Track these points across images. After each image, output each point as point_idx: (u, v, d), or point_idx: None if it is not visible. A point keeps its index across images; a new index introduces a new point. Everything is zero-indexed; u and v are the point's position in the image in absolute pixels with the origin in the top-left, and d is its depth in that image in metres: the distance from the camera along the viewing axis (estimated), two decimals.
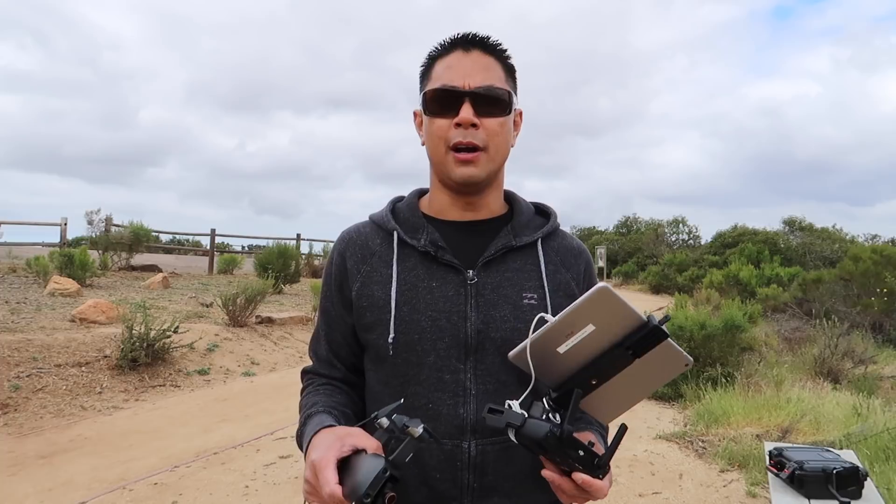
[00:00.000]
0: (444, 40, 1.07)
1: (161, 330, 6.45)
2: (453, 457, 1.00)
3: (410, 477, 1.01)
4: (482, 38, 1.06)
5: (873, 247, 16.14)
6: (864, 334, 9.85)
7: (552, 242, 1.12)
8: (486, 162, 1.04)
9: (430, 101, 1.04)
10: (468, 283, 1.04)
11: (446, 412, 1.01)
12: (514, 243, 1.07)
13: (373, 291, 1.05)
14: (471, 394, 1.01)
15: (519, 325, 1.03)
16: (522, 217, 1.12)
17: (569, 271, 1.11)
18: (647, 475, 4.31)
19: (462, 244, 1.07)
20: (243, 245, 28.32)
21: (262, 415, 5.44)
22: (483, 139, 1.02)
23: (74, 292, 9.30)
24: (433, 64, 1.07)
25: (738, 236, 30.96)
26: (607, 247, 37.38)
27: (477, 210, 1.10)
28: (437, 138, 1.04)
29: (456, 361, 1.01)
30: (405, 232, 1.08)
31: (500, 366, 1.02)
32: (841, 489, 2.32)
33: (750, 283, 17.31)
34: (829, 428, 5.01)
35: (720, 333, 6.87)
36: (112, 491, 3.76)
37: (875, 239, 34.84)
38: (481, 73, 1.03)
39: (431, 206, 1.12)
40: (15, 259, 13.02)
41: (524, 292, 1.05)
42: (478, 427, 1.01)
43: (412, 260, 1.06)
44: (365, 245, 1.10)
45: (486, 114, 1.02)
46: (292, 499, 3.72)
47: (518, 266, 1.07)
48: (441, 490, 1.00)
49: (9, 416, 4.96)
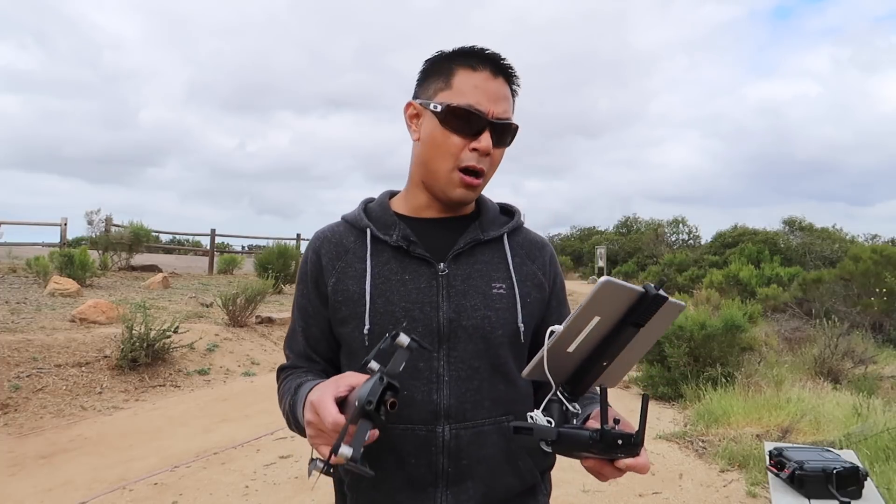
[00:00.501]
0: (472, 49, 1.07)
1: (161, 330, 6.45)
2: (428, 442, 1.03)
3: (387, 463, 1.03)
4: (507, 64, 1.08)
5: (873, 247, 16.15)
6: (864, 334, 9.86)
7: (517, 237, 1.18)
8: (482, 186, 1.10)
9: (453, 116, 1.04)
10: (439, 274, 1.08)
11: (421, 398, 1.04)
12: (482, 237, 1.12)
13: (347, 286, 1.09)
14: (444, 380, 1.05)
15: (489, 312, 1.07)
16: (489, 214, 1.17)
17: (534, 262, 1.17)
18: (647, 475, 4.31)
19: (433, 239, 1.11)
20: (243, 245, 28.33)
21: (262, 415, 5.44)
22: (488, 166, 1.08)
23: (74, 292, 9.30)
24: (454, 71, 1.06)
25: (738, 236, 30.96)
26: (607, 247, 37.39)
27: (449, 210, 1.15)
28: (448, 154, 1.06)
29: (430, 350, 1.05)
30: (378, 229, 1.12)
31: (472, 352, 1.06)
32: (841, 489, 2.32)
33: (750, 283, 17.32)
34: (829, 428, 5.02)
35: (720, 333, 6.87)
36: (112, 491, 3.76)
37: (875, 239, 34.84)
38: (503, 102, 1.06)
39: (406, 205, 1.16)
40: (15, 259, 13.02)
41: (493, 282, 1.10)
42: (451, 412, 1.04)
43: (385, 255, 1.10)
44: (339, 243, 1.14)
45: (499, 144, 1.07)
46: (292, 499, 3.72)
47: (487, 258, 1.12)
48: (417, 475, 1.03)
49: (9, 416, 4.96)
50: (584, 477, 4.21)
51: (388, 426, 1.00)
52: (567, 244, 45.22)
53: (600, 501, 3.83)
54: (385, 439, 1.04)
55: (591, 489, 3.99)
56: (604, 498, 3.88)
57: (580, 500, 3.84)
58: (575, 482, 4.10)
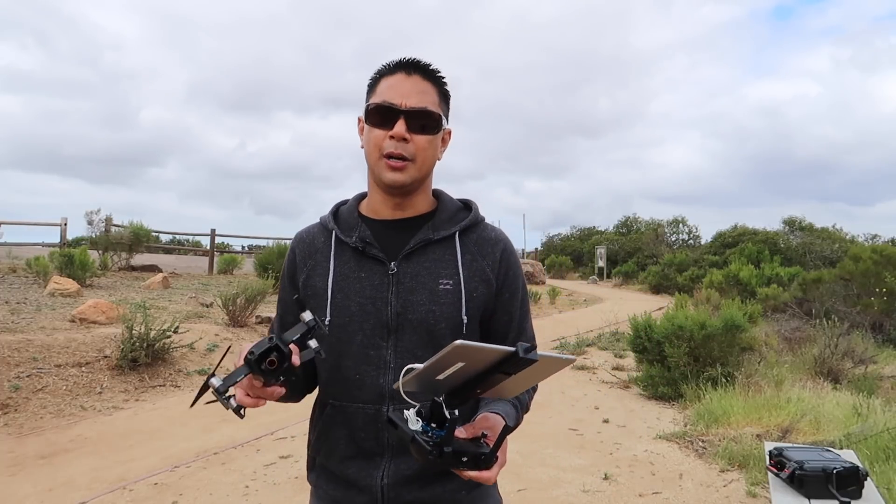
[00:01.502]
0: (392, 62, 1.24)
1: (161, 330, 6.45)
2: (376, 419, 1.19)
3: (341, 436, 1.21)
4: (424, 64, 1.23)
5: (873, 247, 16.15)
6: (864, 334, 9.85)
7: (472, 235, 1.28)
8: (413, 171, 1.20)
9: (372, 113, 1.21)
10: (390, 273, 1.21)
11: (370, 382, 1.19)
12: (433, 237, 1.24)
13: (315, 282, 1.25)
14: (390, 367, 1.19)
15: (433, 307, 1.20)
16: (444, 214, 1.28)
17: (485, 259, 1.26)
18: (647, 475, 4.31)
19: (389, 240, 1.24)
20: (243, 245, 28.32)
21: (263, 415, 5.45)
22: (412, 152, 1.19)
23: (74, 292, 9.31)
24: (379, 80, 1.23)
25: (738, 236, 30.97)
26: (607, 247, 37.38)
27: (405, 209, 1.27)
28: (373, 146, 1.21)
29: (379, 339, 1.19)
30: (342, 231, 1.27)
31: (416, 343, 1.19)
32: (841, 489, 2.32)
33: (750, 283, 17.32)
34: (829, 428, 5.01)
35: (720, 333, 6.87)
36: (112, 491, 3.76)
37: (875, 239, 34.87)
38: (418, 95, 1.20)
39: (368, 207, 1.30)
40: (15, 259, 13.02)
41: (440, 279, 1.22)
42: (396, 394, 1.13)
43: (346, 255, 1.25)
44: (311, 243, 1.30)
45: (418, 130, 1.19)
46: (292, 499, 3.72)
47: (436, 257, 1.23)
48: (366, 447, 1.20)
49: (9, 416, 4.97)
50: (584, 477, 4.21)
51: (344, 404, 1.21)
52: (567, 244, 45.21)
53: (600, 501, 3.83)
54: (340, 416, 1.22)
55: (590, 489, 3.99)
56: (603, 498, 3.88)
57: (580, 500, 3.84)
58: (575, 482, 4.10)
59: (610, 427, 5.60)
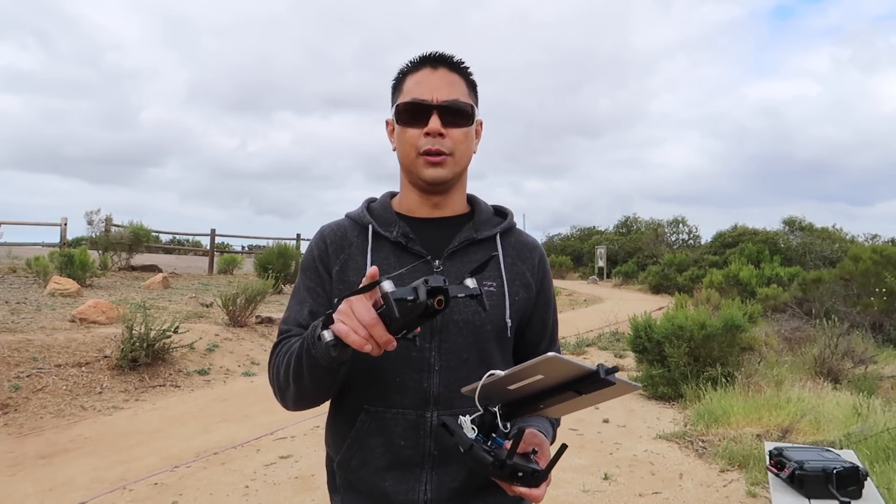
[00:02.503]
0: (414, 58, 1.20)
1: (161, 330, 6.45)
2: (417, 426, 1.11)
3: (377, 445, 1.12)
4: (448, 56, 1.19)
5: (873, 247, 16.14)
6: (864, 334, 9.85)
7: (509, 238, 1.25)
8: (452, 165, 1.16)
9: (403, 112, 1.17)
10: (434, 270, 1.16)
11: (412, 385, 1.12)
12: (476, 236, 1.20)
13: (349, 277, 1.17)
14: (434, 369, 1.12)
15: (479, 308, 1.12)
16: (483, 215, 1.25)
17: (524, 263, 1.24)
18: (647, 475, 4.31)
19: (429, 237, 1.19)
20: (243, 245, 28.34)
21: (262, 415, 5.45)
22: (449, 146, 1.15)
23: (74, 292, 9.30)
24: (404, 79, 1.20)
25: (738, 236, 30.95)
26: (607, 247, 37.37)
27: (442, 209, 1.23)
28: (408, 146, 1.16)
29: (422, 340, 1.12)
30: (379, 225, 1.20)
31: (461, 344, 1.14)
32: (841, 489, 2.32)
33: (750, 283, 17.32)
34: (829, 428, 5.01)
35: (720, 333, 6.86)
36: (112, 491, 3.76)
37: (875, 239, 34.85)
38: (447, 88, 1.16)
39: (402, 206, 1.24)
40: (15, 259, 13.02)
41: (484, 280, 1.17)
42: (440, 399, 1.12)
43: (385, 250, 1.18)
44: (343, 236, 1.22)
45: (452, 124, 1.15)
46: (292, 499, 3.72)
47: (479, 257, 1.19)
48: (405, 457, 1.11)
49: (9, 416, 4.96)
50: (584, 477, 4.21)
51: (381, 410, 1.12)
52: (567, 244, 45.22)
53: (600, 501, 3.83)
54: (377, 422, 1.12)
55: (590, 489, 3.99)
56: (604, 498, 3.88)
57: (580, 500, 3.84)
58: (575, 482, 4.10)
59: (610, 427, 5.60)
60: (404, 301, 0.84)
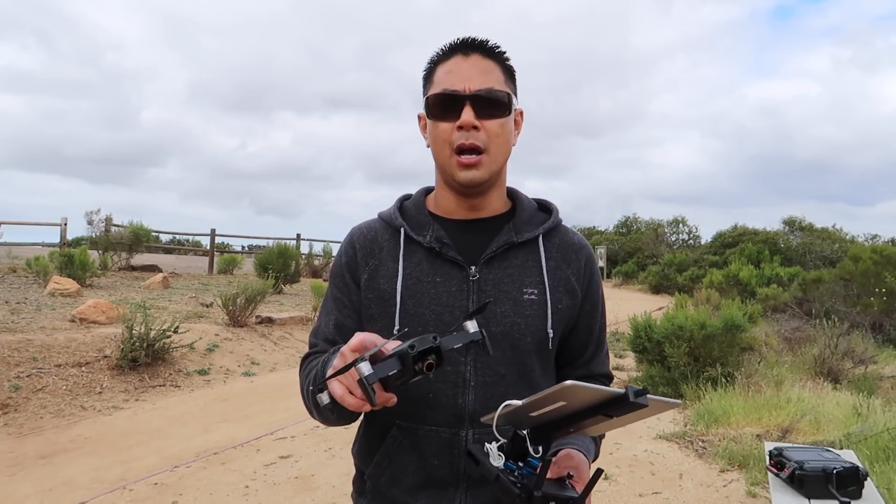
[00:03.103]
0: (445, 45, 1.10)
1: (161, 330, 6.45)
2: (451, 444, 1.04)
3: (409, 462, 1.06)
4: (481, 41, 1.09)
5: (873, 247, 16.14)
6: (864, 334, 9.85)
7: (554, 238, 1.16)
8: (489, 164, 1.07)
9: (433, 105, 1.08)
10: (470, 279, 1.07)
11: (446, 401, 1.05)
12: (516, 240, 1.11)
13: (379, 284, 1.09)
14: (470, 385, 1.05)
15: (518, 319, 1.07)
16: (524, 214, 1.15)
17: (569, 266, 1.14)
18: (647, 475, 4.31)
19: (466, 242, 1.11)
20: (243, 245, 28.32)
21: (262, 415, 5.44)
22: (484, 140, 1.05)
23: (74, 292, 9.30)
24: (435, 69, 1.10)
25: (738, 236, 30.95)
26: (607, 247, 37.36)
27: (480, 210, 1.13)
28: (441, 141, 1.07)
29: (457, 354, 1.04)
30: (412, 229, 1.11)
31: (499, 359, 1.06)
32: (841, 489, 2.32)
33: (750, 283, 17.31)
34: (829, 428, 5.01)
35: (720, 333, 6.86)
36: (112, 491, 3.76)
37: (875, 239, 34.84)
38: (481, 76, 1.06)
39: (437, 206, 1.16)
40: (15, 259, 13.02)
41: (525, 287, 1.09)
42: (475, 416, 1.04)
43: (418, 255, 1.10)
44: (374, 240, 1.14)
45: (487, 116, 1.05)
46: (292, 499, 3.72)
47: (519, 262, 1.10)
48: (438, 476, 1.05)
49: (9, 416, 4.96)
50: None
51: (413, 426, 1.06)
52: None
53: (600, 502, 3.83)
54: (409, 439, 1.07)
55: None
56: (604, 498, 3.88)
57: None
58: None
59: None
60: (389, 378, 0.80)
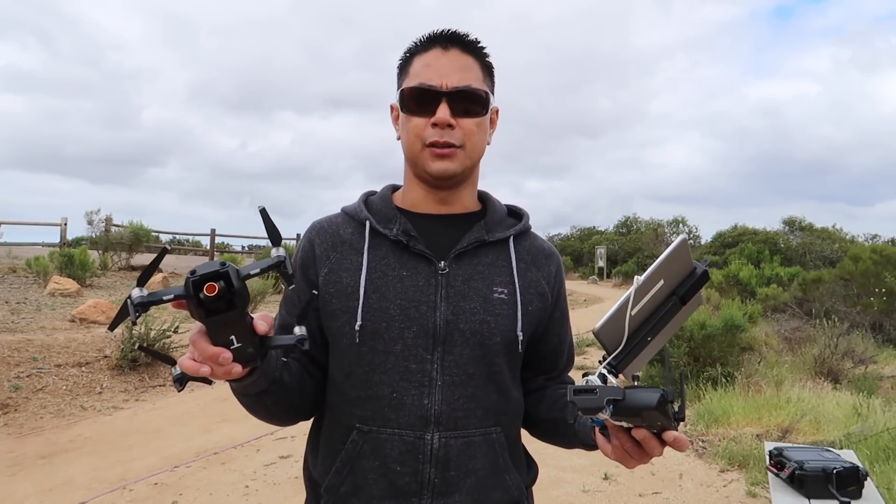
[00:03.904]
0: (423, 36, 1.06)
1: (161, 330, 6.45)
2: (415, 449, 0.98)
3: (370, 468, 0.99)
4: (461, 35, 1.05)
5: (873, 247, 16.14)
6: (864, 334, 9.85)
7: (524, 242, 1.13)
8: (463, 158, 1.04)
9: (408, 98, 1.04)
10: (439, 273, 1.03)
11: (410, 402, 0.99)
12: (487, 238, 1.08)
13: (341, 278, 1.04)
14: (436, 384, 1.00)
15: (488, 317, 1.02)
16: (496, 215, 1.12)
17: (539, 270, 1.12)
18: (647, 475, 4.31)
19: (435, 236, 1.07)
20: (243, 245, 28.29)
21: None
22: (459, 138, 1.03)
23: (74, 292, 9.31)
24: (412, 59, 1.06)
25: (738, 236, 30.98)
26: (607, 247, 37.39)
27: (451, 205, 1.10)
28: (413, 136, 1.04)
29: (423, 351, 1.00)
30: (378, 222, 1.07)
31: (468, 357, 1.01)
32: (841, 489, 2.32)
33: (750, 283, 17.30)
34: (829, 428, 5.02)
35: (720, 333, 6.86)
36: (112, 491, 3.76)
37: (875, 239, 34.86)
38: (459, 72, 1.03)
39: (405, 200, 1.12)
40: (15, 259, 13.02)
41: (494, 286, 1.05)
42: (442, 419, 0.99)
43: (383, 249, 1.05)
44: (336, 233, 1.09)
45: (463, 113, 1.02)
46: (292, 499, 3.72)
47: (490, 261, 1.07)
48: (401, 484, 0.98)
49: (9, 416, 4.97)
50: (584, 477, 4.21)
51: (375, 429, 0.98)
52: (567, 244, 45.26)
53: (600, 501, 3.83)
54: (370, 444, 0.99)
55: (590, 489, 3.99)
56: (604, 498, 3.88)
57: (580, 500, 3.84)
58: (575, 482, 4.10)
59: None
60: (151, 303, 0.74)
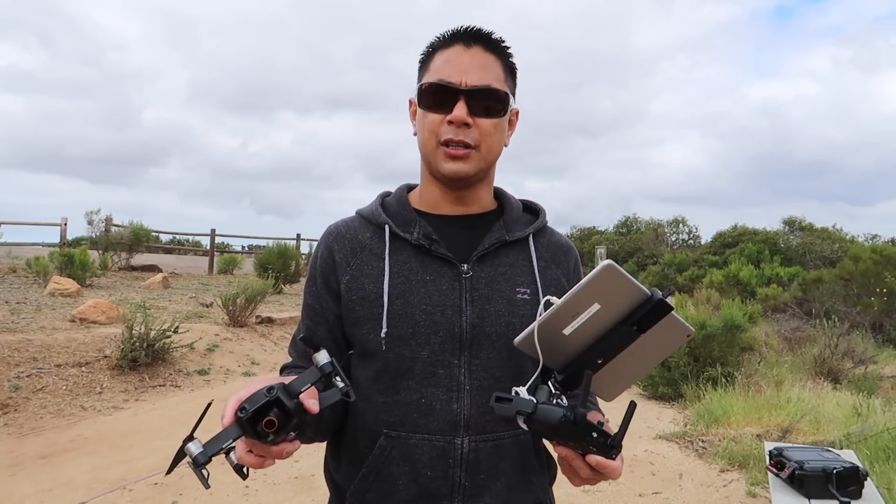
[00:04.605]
0: (447, 32, 1.05)
1: (161, 330, 6.45)
2: (445, 453, 0.98)
3: (399, 474, 0.99)
4: (485, 33, 1.04)
5: (873, 247, 16.14)
6: (864, 334, 9.85)
7: (542, 239, 1.12)
8: (477, 160, 1.02)
9: (426, 94, 1.02)
10: (462, 276, 1.02)
11: (439, 407, 0.99)
12: (507, 238, 1.07)
13: (363, 285, 1.03)
14: (465, 389, 0.99)
15: (513, 319, 1.02)
16: (513, 213, 1.11)
17: (559, 267, 1.11)
18: (647, 475, 4.31)
19: (455, 238, 1.05)
20: (243, 245, 28.30)
21: None
22: (475, 138, 1.01)
23: (74, 292, 9.30)
24: (433, 55, 1.05)
25: (738, 236, 30.94)
26: (607, 247, 37.39)
27: (468, 204, 1.09)
28: (428, 132, 1.02)
29: (450, 356, 0.99)
30: (397, 225, 1.05)
31: (495, 361, 1.01)
32: (841, 489, 2.32)
33: (750, 283, 17.30)
34: (829, 428, 5.02)
35: (720, 333, 6.87)
36: (112, 491, 3.76)
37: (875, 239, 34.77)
38: (479, 71, 1.01)
39: (422, 200, 1.10)
40: (15, 259, 13.02)
41: (517, 287, 1.05)
42: (471, 423, 0.99)
43: (405, 253, 1.04)
44: (354, 238, 1.07)
45: (481, 113, 1.01)
46: (292, 499, 3.72)
47: (511, 261, 1.07)
48: (431, 488, 0.98)
49: (9, 416, 4.96)
50: None
51: (404, 435, 0.99)
52: None
53: (600, 501, 3.83)
54: (399, 449, 0.99)
55: (590, 489, 3.99)
56: (604, 498, 3.87)
57: (580, 500, 3.84)
58: None
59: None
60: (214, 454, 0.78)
